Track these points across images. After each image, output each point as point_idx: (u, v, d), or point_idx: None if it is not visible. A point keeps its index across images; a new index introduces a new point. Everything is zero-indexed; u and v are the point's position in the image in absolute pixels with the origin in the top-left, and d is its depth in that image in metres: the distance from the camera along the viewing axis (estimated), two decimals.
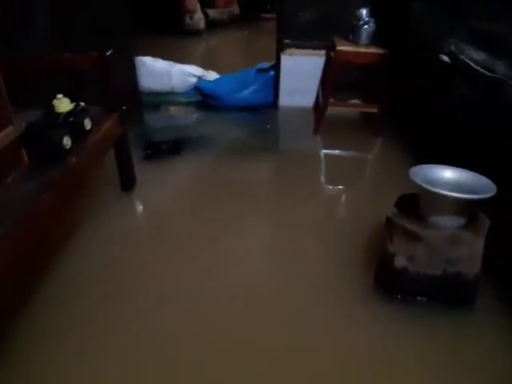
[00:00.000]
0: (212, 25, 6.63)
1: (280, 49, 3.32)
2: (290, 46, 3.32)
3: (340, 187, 2.47)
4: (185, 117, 3.42)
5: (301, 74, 3.37)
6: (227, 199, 2.29)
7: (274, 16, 8.43)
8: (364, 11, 2.76)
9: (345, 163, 2.73)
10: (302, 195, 2.35)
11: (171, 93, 3.56)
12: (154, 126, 3.17)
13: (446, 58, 2.17)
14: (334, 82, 2.87)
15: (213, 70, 3.83)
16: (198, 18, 6.18)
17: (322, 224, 2.14)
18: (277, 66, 3.40)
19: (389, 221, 1.58)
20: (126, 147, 2.15)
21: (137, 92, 3.42)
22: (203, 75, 3.61)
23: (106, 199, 2.25)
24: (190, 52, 5.56)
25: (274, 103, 3.54)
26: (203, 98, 3.59)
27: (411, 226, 1.50)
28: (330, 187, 2.48)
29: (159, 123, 3.21)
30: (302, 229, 2.07)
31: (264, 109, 3.51)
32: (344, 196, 2.40)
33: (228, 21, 7.16)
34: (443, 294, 1.57)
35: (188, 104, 3.58)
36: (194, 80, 3.58)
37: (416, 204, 1.59)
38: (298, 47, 3.31)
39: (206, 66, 3.88)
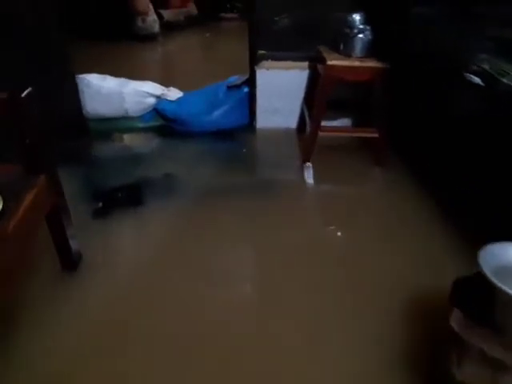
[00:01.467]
0: (167, 27, 5.97)
1: (254, 61, 2.78)
2: (265, 58, 2.80)
3: (343, 237, 1.98)
4: (144, 148, 2.81)
5: (280, 90, 2.85)
6: (204, 280, 1.74)
7: (235, 16, 7.85)
8: (357, 17, 2.28)
9: (344, 202, 2.24)
10: (300, 252, 1.84)
11: (125, 118, 2.94)
12: (106, 164, 2.54)
13: (476, 80, 1.71)
14: (324, 103, 2.37)
15: (174, 85, 3.24)
16: (152, 21, 5.51)
17: (330, 291, 1.64)
18: (251, 82, 2.86)
19: (454, 336, 1.09)
20: (61, 220, 1.55)
21: (82, 120, 2.79)
22: (163, 94, 3.01)
23: (41, 286, 1.64)
24: (145, 61, 4.88)
25: (250, 125, 3.01)
26: (165, 122, 3.00)
27: (493, 350, 1.02)
28: (334, 239, 1.98)
29: (112, 160, 2.58)
30: (301, 305, 1.56)
31: (239, 133, 2.96)
32: (351, 250, 1.90)
33: (185, 22, 6.51)
34: None
35: (146, 130, 2.98)
36: (152, 100, 2.97)
37: (482, 298, 1.11)
38: (275, 59, 2.79)
39: (164, 80, 3.28)
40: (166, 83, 3.21)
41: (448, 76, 2.02)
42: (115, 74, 3.09)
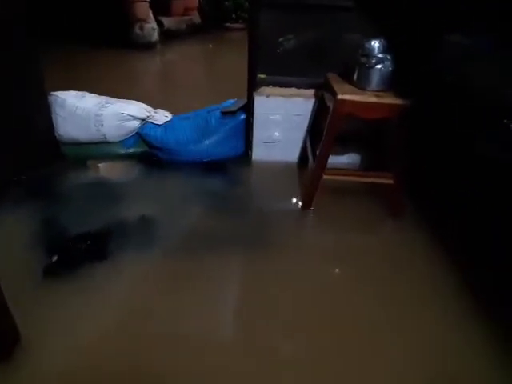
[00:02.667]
0: (168, 35, 5.64)
1: (253, 86, 2.42)
2: (266, 83, 2.44)
3: (344, 305, 1.60)
4: (122, 180, 2.44)
5: (281, 120, 2.49)
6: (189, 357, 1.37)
7: (241, 26, 7.53)
8: (376, 44, 1.91)
9: (349, 262, 1.86)
10: (298, 315, 1.47)
11: (103, 143, 2.58)
12: (74, 200, 2.18)
13: None
14: (331, 142, 2.01)
15: (165, 103, 2.89)
16: (150, 28, 5.18)
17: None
18: (248, 109, 2.50)
19: None
20: None
21: (53, 145, 2.43)
22: (148, 117, 2.65)
23: None
24: (138, 72, 4.53)
25: (245, 156, 2.64)
26: (149, 149, 2.64)
27: None
28: (334, 306, 1.60)
29: (82, 195, 2.21)
30: None
31: (232, 164, 2.60)
32: (353, 319, 1.53)
33: (187, 31, 6.20)
34: None
35: (127, 157, 2.61)
36: (136, 124, 2.61)
37: None
38: (277, 85, 2.44)
39: (156, 97, 2.94)
40: (156, 101, 2.86)
41: (483, 120, 1.66)
42: (102, 86, 2.75)
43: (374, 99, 1.91)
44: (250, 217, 2.13)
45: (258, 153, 2.61)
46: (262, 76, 2.42)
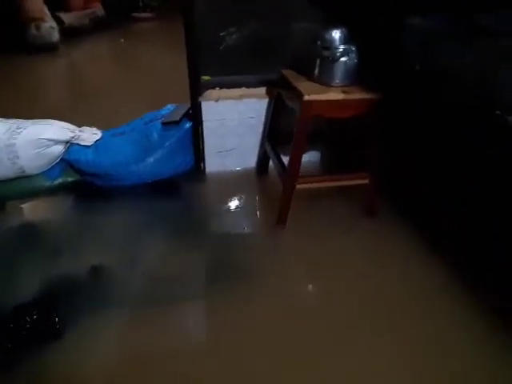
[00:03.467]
0: (70, 33, 4.96)
1: (197, 91, 2.11)
2: (212, 85, 2.14)
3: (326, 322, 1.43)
4: (53, 223, 2.00)
5: (234, 125, 2.22)
6: None
7: (150, 15, 6.94)
8: (338, 34, 1.72)
9: (331, 274, 1.69)
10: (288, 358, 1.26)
11: (23, 177, 2.10)
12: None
13: None
14: (301, 149, 1.80)
15: (86, 119, 2.45)
16: (49, 27, 4.50)
17: None
18: (195, 116, 2.18)
19: None
20: None
21: None
22: (74, 137, 2.21)
23: None
24: (42, 81, 3.86)
25: (196, 170, 2.33)
26: (81, 177, 2.21)
27: None
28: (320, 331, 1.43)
29: (3, 253, 1.76)
30: None
31: (183, 181, 2.29)
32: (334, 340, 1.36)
33: (91, 26, 5.54)
34: None
35: (55, 191, 2.16)
36: (59, 149, 2.16)
37: None
38: (224, 86, 2.15)
39: (73, 111, 2.48)
40: (74, 116, 2.41)
41: (470, 113, 1.55)
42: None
43: (342, 96, 1.72)
44: (216, 244, 1.85)
45: (212, 164, 2.32)
46: (206, 78, 2.12)
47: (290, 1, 2.00)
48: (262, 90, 2.17)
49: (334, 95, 1.72)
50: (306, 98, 1.69)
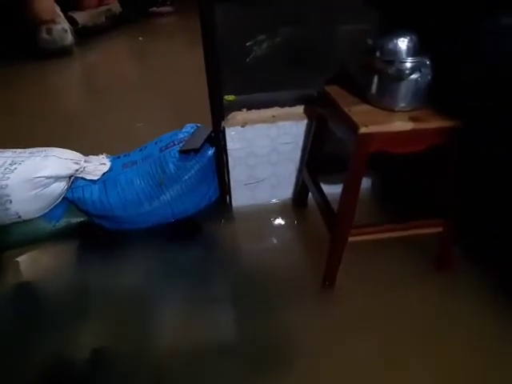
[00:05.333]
0: (85, 34, 4.65)
1: (220, 114, 1.72)
2: (237, 107, 1.75)
3: None
4: (52, 284, 1.66)
5: (265, 152, 1.83)
6: None
7: (169, 9, 6.55)
8: (405, 43, 1.28)
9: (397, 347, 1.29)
10: None
11: (18, 223, 1.79)
12: None
13: None
14: (356, 194, 1.38)
15: (96, 138, 2.12)
16: (61, 30, 4.19)
17: None
18: (218, 144, 1.80)
19: None
20: None
21: None
22: (78, 170, 1.88)
23: None
24: (51, 93, 3.53)
25: (221, 204, 1.96)
26: (87, 217, 1.89)
27: None
28: None
29: None
30: None
31: (206, 220, 1.93)
32: None
33: (108, 24, 5.21)
34: None
35: (58, 236, 1.85)
36: (61, 186, 1.84)
37: None
38: (252, 107, 1.75)
39: (83, 128, 2.15)
40: (84, 134, 2.08)
41: None
42: (2, 124, 1.92)
43: (411, 125, 1.29)
44: (247, 310, 1.48)
45: (239, 197, 1.95)
46: (231, 98, 1.73)
47: None
48: (300, 109, 1.76)
49: (401, 125, 1.29)
50: (363, 130, 1.27)
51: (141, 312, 1.48)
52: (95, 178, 1.90)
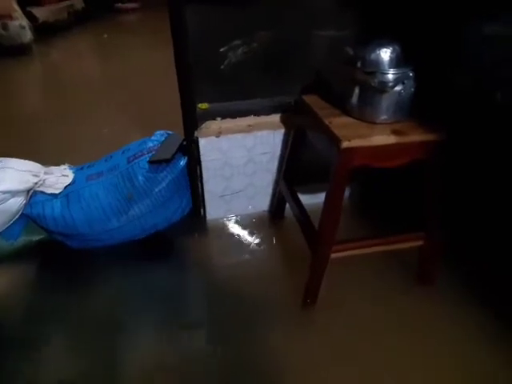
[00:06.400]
0: (45, 31, 4.39)
1: (192, 123, 1.62)
2: (211, 115, 1.65)
3: None
4: (8, 311, 1.52)
5: (241, 163, 1.74)
6: None
7: (135, 5, 6.31)
8: (388, 54, 1.22)
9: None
10: None
11: None
12: None
13: None
14: (338, 209, 1.32)
15: (58, 145, 1.96)
16: (18, 26, 3.93)
17: None
18: (190, 154, 1.70)
19: None
20: None
21: None
22: (38, 183, 1.73)
23: None
24: (9, 94, 3.30)
25: (195, 216, 1.86)
26: (48, 234, 1.75)
27: None
28: None
29: None
30: None
31: (179, 235, 1.82)
32: None
33: (69, 20, 4.95)
34: None
35: (16, 257, 1.70)
36: (19, 201, 1.68)
37: None
38: (226, 115, 1.66)
39: (42, 134, 2.00)
40: (46, 142, 1.92)
41: None
42: None
43: (393, 139, 1.24)
44: (225, 334, 1.40)
45: (214, 210, 1.85)
46: (204, 106, 1.63)
47: (313, 1, 1.49)
48: (276, 117, 1.68)
49: (384, 139, 1.24)
50: (346, 144, 1.21)
51: (108, 340, 1.36)
52: (56, 191, 1.75)
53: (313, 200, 1.80)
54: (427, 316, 1.44)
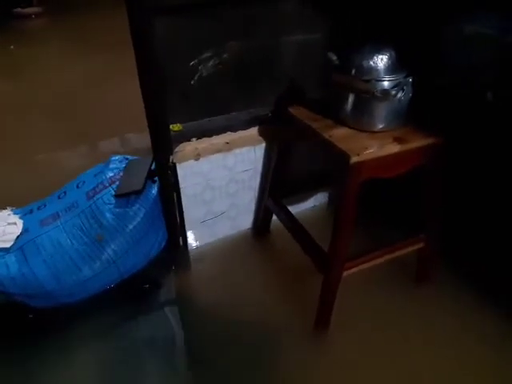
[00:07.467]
0: None
1: (166, 147, 1.44)
2: (186, 137, 1.48)
3: None
4: None
5: (223, 184, 1.60)
6: None
7: (38, 10, 5.62)
8: (384, 60, 1.16)
9: None
10: None
11: None
12: None
13: None
14: (351, 227, 1.25)
15: None
16: None
17: None
18: (164, 183, 1.51)
19: None
20: None
21: None
22: None
23: None
24: None
25: (173, 248, 1.68)
26: (5, 297, 1.45)
27: None
28: None
29: None
30: None
31: (158, 270, 1.63)
32: None
33: None
34: None
35: None
36: None
37: None
38: (202, 135, 1.50)
39: None
40: None
41: None
42: None
43: (397, 148, 1.20)
44: (233, 377, 1.27)
45: (196, 237, 1.69)
46: (176, 128, 1.45)
47: (287, 5, 1.38)
48: (254, 130, 1.56)
49: (388, 148, 1.19)
50: (356, 159, 1.13)
51: None
52: (7, 245, 1.47)
53: (300, 208, 1.74)
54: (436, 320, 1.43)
